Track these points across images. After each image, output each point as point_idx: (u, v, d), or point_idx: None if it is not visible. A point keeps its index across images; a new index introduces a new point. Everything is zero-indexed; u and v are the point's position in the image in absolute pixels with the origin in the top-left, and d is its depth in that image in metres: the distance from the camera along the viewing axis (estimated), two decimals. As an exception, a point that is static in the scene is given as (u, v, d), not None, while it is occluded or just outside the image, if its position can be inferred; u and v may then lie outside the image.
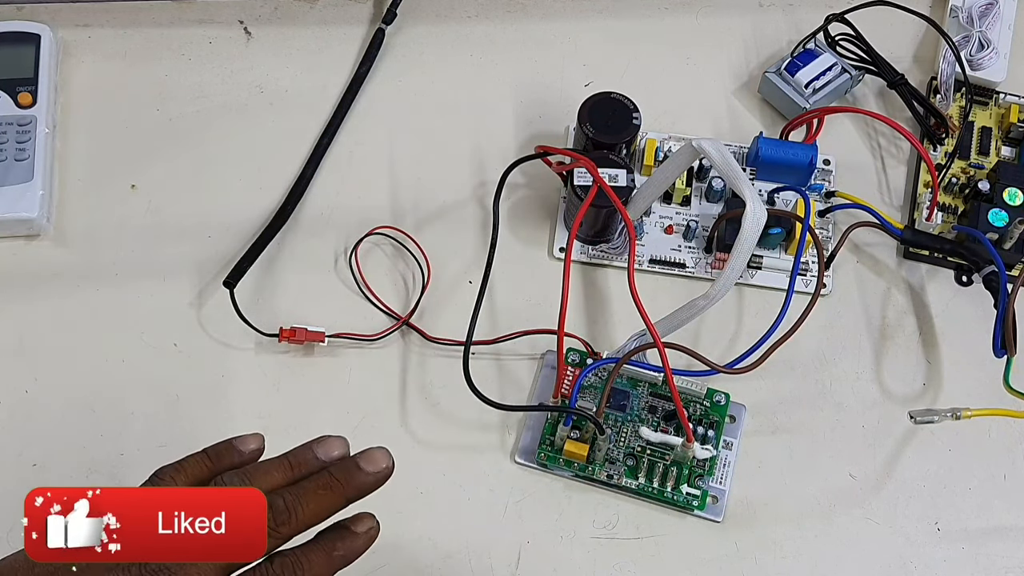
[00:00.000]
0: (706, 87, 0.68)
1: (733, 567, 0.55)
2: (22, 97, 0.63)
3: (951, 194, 0.64)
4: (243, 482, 0.41)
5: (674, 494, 0.55)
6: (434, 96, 0.67)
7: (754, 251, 0.62)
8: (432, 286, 0.61)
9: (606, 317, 0.61)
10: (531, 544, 0.55)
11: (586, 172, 0.57)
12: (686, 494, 0.55)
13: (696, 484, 0.55)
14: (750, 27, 0.70)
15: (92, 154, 0.64)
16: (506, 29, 0.70)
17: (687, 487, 0.55)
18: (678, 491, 0.55)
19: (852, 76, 0.66)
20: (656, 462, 0.56)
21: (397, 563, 0.54)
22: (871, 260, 0.64)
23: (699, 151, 0.54)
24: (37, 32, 0.65)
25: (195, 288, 0.61)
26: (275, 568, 0.40)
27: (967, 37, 0.67)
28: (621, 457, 0.56)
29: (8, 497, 0.56)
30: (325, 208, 0.63)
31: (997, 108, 0.67)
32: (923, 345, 0.61)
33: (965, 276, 0.63)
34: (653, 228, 0.63)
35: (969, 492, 0.58)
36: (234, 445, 0.44)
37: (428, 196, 0.64)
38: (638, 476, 0.56)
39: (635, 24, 0.70)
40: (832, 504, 0.57)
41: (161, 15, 0.69)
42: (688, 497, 0.55)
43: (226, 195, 0.64)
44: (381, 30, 0.68)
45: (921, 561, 0.56)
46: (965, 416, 0.54)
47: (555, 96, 0.67)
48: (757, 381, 0.58)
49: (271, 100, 0.67)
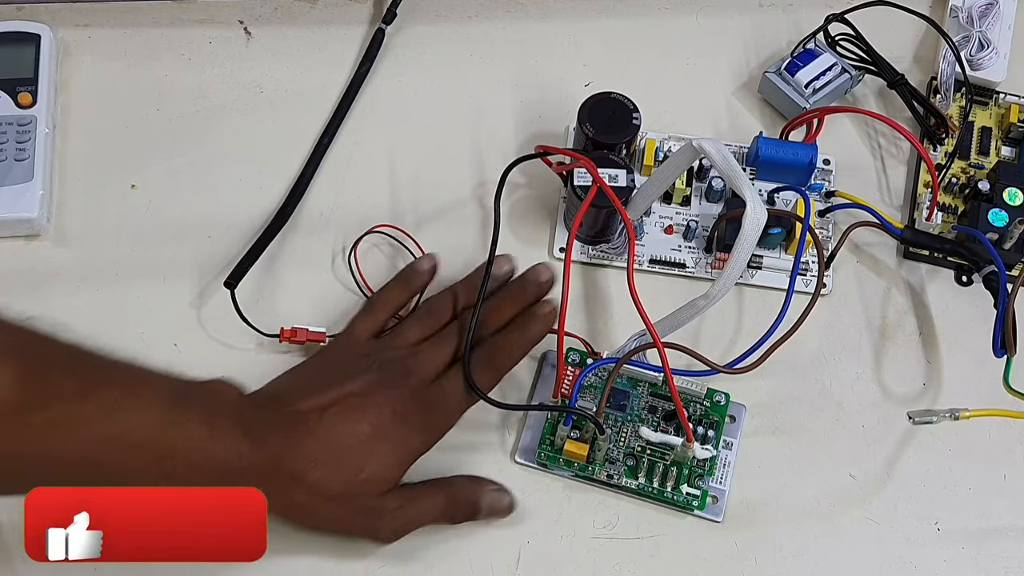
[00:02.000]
0: (706, 87, 0.68)
1: (733, 567, 0.55)
2: (22, 97, 0.63)
3: (951, 194, 0.64)
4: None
5: (674, 494, 0.55)
6: (434, 96, 0.67)
7: (754, 251, 0.62)
8: (432, 286, 0.61)
9: (606, 317, 0.61)
10: (531, 544, 0.55)
11: (586, 172, 0.57)
12: (686, 494, 0.55)
13: (696, 484, 0.55)
14: (750, 27, 0.70)
15: (92, 154, 0.64)
16: (506, 29, 0.70)
17: (687, 487, 0.55)
18: (678, 491, 0.55)
19: (852, 76, 0.66)
20: (656, 462, 0.56)
21: (397, 564, 0.54)
22: (871, 260, 0.64)
23: (699, 151, 0.54)
24: (37, 32, 0.65)
25: (195, 288, 0.60)
26: (485, 350, 0.55)
27: (967, 37, 0.67)
28: (621, 457, 0.56)
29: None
30: (325, 208, 0.63)
31: (997, 108, 0.67)
32: (923, 345, 0.61)
33: (965, 276, 0.63)
34: (653, 228, 0.63)
35: (969, 492, 0.58)
36: (415, 270, 0.59)
37: (428, 196, 0.64)
38: (638, 476, 0.56)
39: (635, 24, 0.70)
40: (832, 504, 0.57)
41: (161, 15, 0.69)
42: (688, 497, 0.55)
43: (226, 195, 0.64)
44: (381, 30, 0.68)
45: (921, 561, 0.56)
46: (964, 417, 0.54)
47: (555, 96, 0.67)
48: (757, 381, 0.58)
49: (271, 100, 0.67)
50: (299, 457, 0.48)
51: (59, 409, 0.40)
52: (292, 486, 0.48)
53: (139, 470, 0.43)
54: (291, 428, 0.48)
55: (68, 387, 0.41)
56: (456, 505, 0.53)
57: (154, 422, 0.43)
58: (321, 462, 0.49)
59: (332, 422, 0.50)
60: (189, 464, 0.44)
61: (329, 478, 0.49)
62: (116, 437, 0.42)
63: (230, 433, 0.46)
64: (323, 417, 0.49)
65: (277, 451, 0.48)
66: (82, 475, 0.41)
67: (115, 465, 0.42)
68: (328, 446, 0.49)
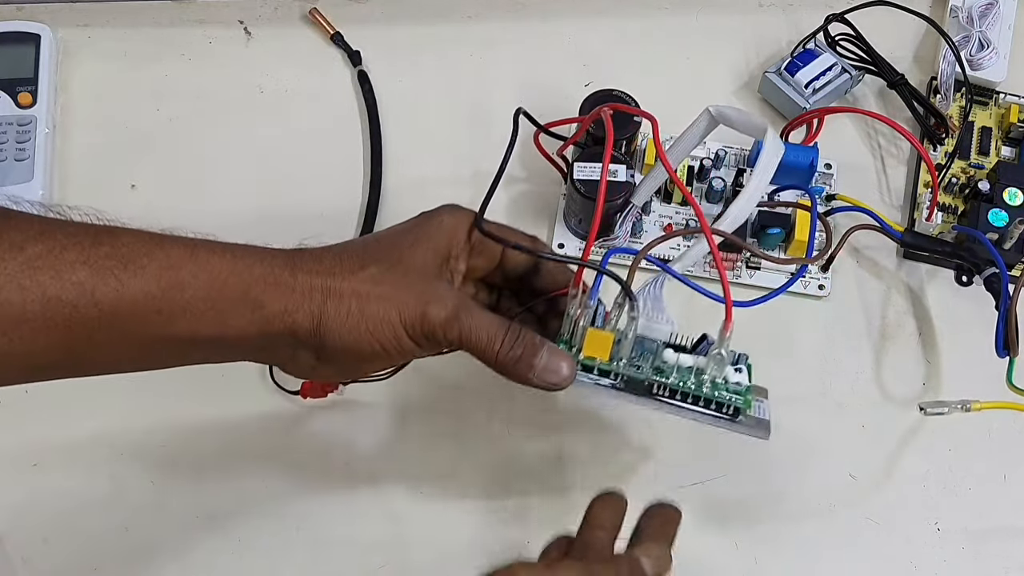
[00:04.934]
0: (706, 87, 0.68)
1: (733, 567, 0.55)
2: (22, 97, 0.63)
3: (951, 194, 0.64)
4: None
5: (716, 392, 0.47)
6: (434, 96, 0.67)
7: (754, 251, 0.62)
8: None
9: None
10: (531, 544, 0.55)
11: (586, 167, 0.57)
12: (732, 388, 0.47)
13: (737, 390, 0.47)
14: (750, 27, 0.70)
15: (92, 154, 0.64)
16: (506, 29, 0.70)
17: (728, 390, 0.47)
18: (720, 388, 0.47)
19: (852, 76, 0.66)
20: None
21: (397, 563, 0.54)
22: (871, 261, 0.64)
23: (717, 117, 0.54)
24: (37, 32, 0.65)
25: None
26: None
27: (967, 37, 0.67)
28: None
29: (10, 496, 0.56)
30: (325, 208, 0.63)
31: (997, 108, 0.67)
32: (923, 346, 0.61)
33: (965, 276, 0.63)
34: (653, 227, 0.63)
35: (969, 492, 0.58)
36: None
37: (428, 196, 0.64)
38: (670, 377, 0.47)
39: (635, 24, 0.70)
40: (832, 504, 0.57)
41: (161, 15, 0.69)
42: (734, 393, 0.47)
43: (226, 195, 0.64)
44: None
45: (921, 561, 0.56)
46: (975, 408, 0.54)
47: (555, 96, 0.67)
48: (757, 380, 0.58)
49: (271, 100, 0.67)
50: (330, 253, 0.45)
51: (38, 248, 0.39)
52: (325, 282, 0.43)
53: (143, 289, 0.40)
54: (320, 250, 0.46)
55: (48, 229, 0.40)
56: (515, 336, 0.44)
57: (143, 239, 0.42)
58: (353, 250, 0.45)
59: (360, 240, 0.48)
60: (198, 276, 0.41)
61: (367, 252, 0.45)
62: (107, 257, 0.40)
63: (244, 248, 0.44)
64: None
65: (304, 255, 0.45)
66: (80, 318, 0.39)
67: (114, 290, 0.40)
68: (359, 243, 0.47)
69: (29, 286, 0.38)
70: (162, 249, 0.42)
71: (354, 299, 0.43)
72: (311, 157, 0.65)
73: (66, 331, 0.39)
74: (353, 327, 0.43)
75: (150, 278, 0.40)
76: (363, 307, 0.43)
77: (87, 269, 0.39)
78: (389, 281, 0.44)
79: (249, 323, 0.42)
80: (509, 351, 0.44)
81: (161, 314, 0.41)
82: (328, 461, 0.57)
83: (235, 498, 0.56)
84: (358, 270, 0.43)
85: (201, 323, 0.41)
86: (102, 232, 0.41)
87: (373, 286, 0.43)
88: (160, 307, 0.41)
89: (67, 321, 0.39)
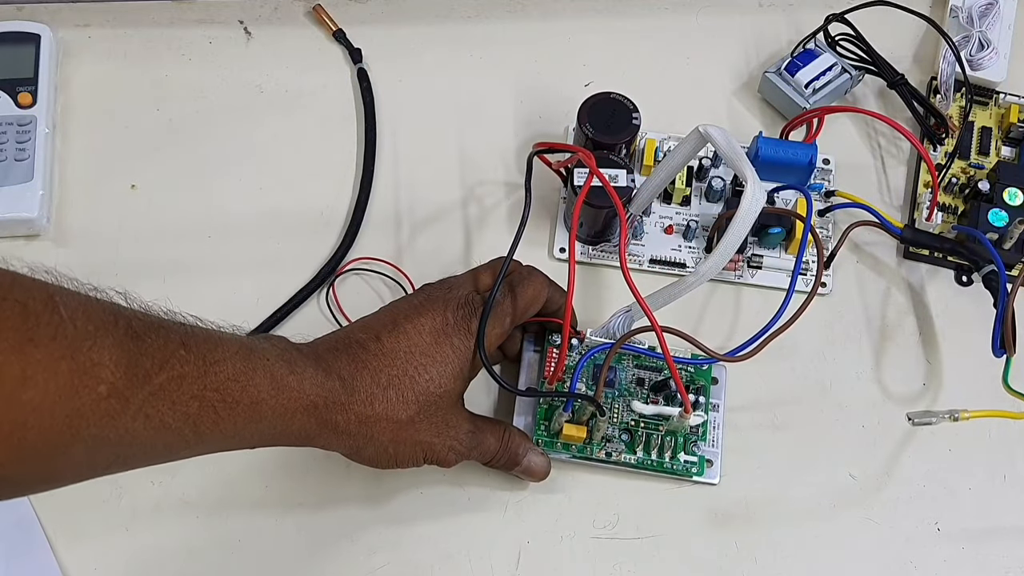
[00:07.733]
0: (706, 87, 0.68)
1: (733, 567, 0.55)
2: (22, 97, 0.63)
3: (951, 194, 0.64)
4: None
5: (672, 464, 0.56)
6: (434, 96, 0.67)
7: (754, 251, 0.62)
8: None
9: (606, 315, 0.61)
10: (531, 544, 0.55)
11: (587, 172, 0.57)
12: (684, 462, 0.56)
13: (692, 451, 0.56)
14: (750, 27, 0.70)
15: (92, 154, 0.64)
16: (506, 29, 0.70)
17: (684, 455, 0.56)
18: (676, 460, 0.56)
19: (852, 76, 0.66)
20: (652, 434, 0.56)
21: (397, 563, 0.54)
22: (871, 260, 0.64)
23: (705, 136, 0.54)
24: (37, 32, 0.65)
25: (195, 288, 0.60)
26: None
27: (967, 37, 0.67)
28: (617, 434, 0.56)
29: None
30: (325, 208, 0.63)
31: (997, 108, 0.67)
32: (923, 345, 0.61)
33: (965, 276, 0.63)
34: (653, 228, 0.63)
35: (969, 492, 0.58)
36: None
37: (428, 195, 0.64)
38: (636, 450, 0.56)
39: (635, 24, 0.70)
40: (832, 504, 0.57)
41: (161, 15, 0.69)
42: (687, 465, 0.56)
43: (226, 195, 0.64)
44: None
45: (921, 561, 0.56)
46: (963, 418, 0.53)
47: (555, 96, 0.67)
48: (757, 381, 0.59)
49: (271, 100, 0.67)
50: (369, 378, 0.48)
51: (163, 377, 0.40)
52: (369, 414, 0.48)
53: (234, 421, 0.43)
54: (354, 353, 0.49)
55: (168, 355, 0.41)
56: (506, 449, 0.54)
57: (240, 369, 0.43)
58: (391, 380, 0.49)
59: (390, 342, 0.50)
60: (276, 407, 0.44)
61: (403, 394, 0.49)
62: (214, 390, 0.42)
63: (305, 364, 0.46)
64: (380, 339, 0.50)
65: (347, 375, 0.48)
66: (181, 440, 0.42)
67: (212, 421, 0.42)
68: (393, 362, 0.49)
69: (152, 414, 0.40)
70: (252, 381, 0.44)
71: (391, 445, 0.50)
72: (311, 156, 0.65)
73: (164, 452, 0.42)
74: (385, 460, 0.50)
75: (240, 415, 0.43)
76: (397, 449, 0.50)
77: (197, 403, 0.41)
78: (424, 428, 0.50)
79: (298, 441, 0.47)
80: (500, 459, 0.54)
81: (236, 439, 0.45)
82: (328, 461, 0.57)
83: (235, 498, 0.56)
84: (401, 412, 0.49)
85: (263, 443, 0.47)
86: (209, 363, 0.43)
87: (412, 432, 0.50)
88: (240, 435, 0.44)
89: (167, 446, 0.42)
